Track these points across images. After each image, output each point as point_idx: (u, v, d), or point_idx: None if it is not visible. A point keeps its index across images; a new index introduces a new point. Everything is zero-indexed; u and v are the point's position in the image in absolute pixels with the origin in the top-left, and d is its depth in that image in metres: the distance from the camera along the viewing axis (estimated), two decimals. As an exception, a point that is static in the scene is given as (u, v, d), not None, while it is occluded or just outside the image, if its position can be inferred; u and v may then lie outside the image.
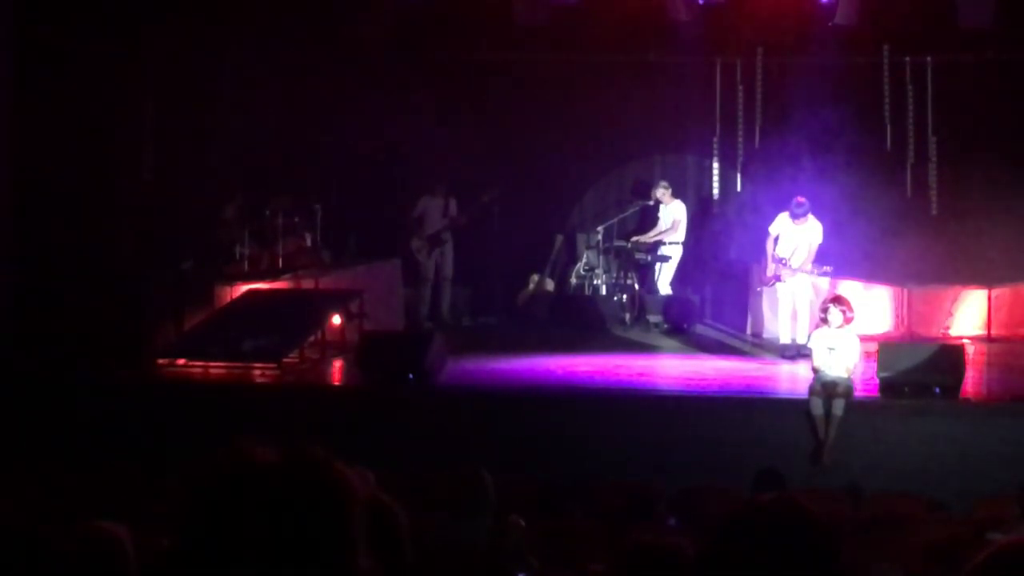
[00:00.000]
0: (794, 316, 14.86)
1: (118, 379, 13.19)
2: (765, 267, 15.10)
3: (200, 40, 16.17)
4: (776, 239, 14.96)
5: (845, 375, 12.01)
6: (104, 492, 9.59)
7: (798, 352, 14.29)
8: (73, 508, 8.20)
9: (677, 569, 3.54)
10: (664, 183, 17.16)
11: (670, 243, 17.01)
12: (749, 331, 16.36)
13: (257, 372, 13.75)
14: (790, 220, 14.85)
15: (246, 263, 16.28)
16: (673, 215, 17.03)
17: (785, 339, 14.86)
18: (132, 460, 11.04)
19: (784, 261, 14.83)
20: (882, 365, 12.45)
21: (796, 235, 14.88)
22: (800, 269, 14.76)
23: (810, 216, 14.86)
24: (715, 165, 17.71)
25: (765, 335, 15.92)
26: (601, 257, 17.24)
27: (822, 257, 14.95)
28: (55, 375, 13.12)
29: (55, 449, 11.54)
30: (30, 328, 14.33)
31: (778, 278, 14.89)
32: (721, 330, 16.65)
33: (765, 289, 15.58)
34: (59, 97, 14.84)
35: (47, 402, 12.54)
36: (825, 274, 14.76)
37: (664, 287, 16.99)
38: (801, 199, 14.87)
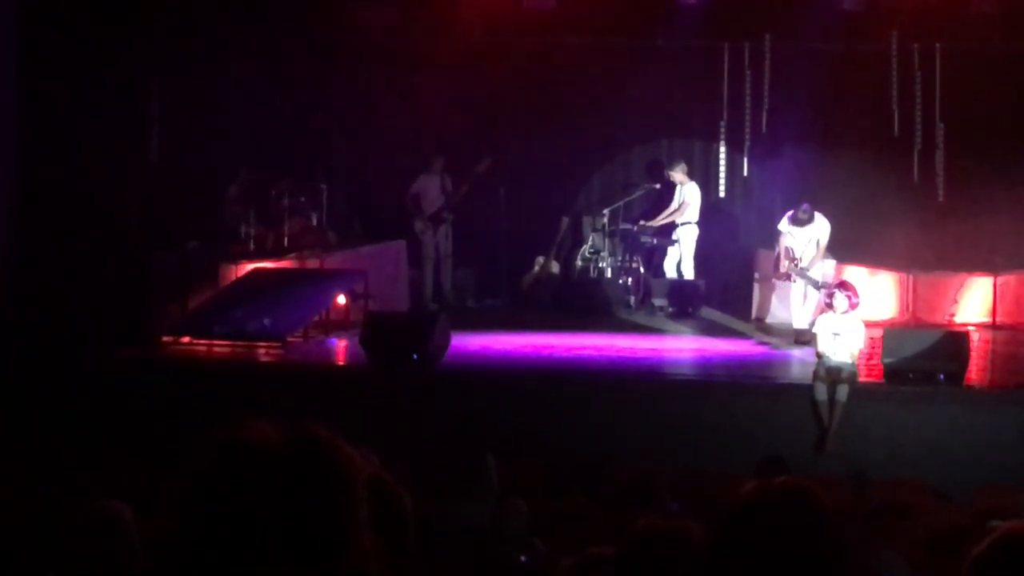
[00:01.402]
0: (804, 301, 14.79)
1: (122, 357, 13.20)
2: (778, 263, 14.98)
3: (206, 22, 16.14)
4: (785, 236, 14.89)
5: (849, 361, 11.99)
6: (107, 472, 9.60)
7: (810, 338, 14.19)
8: (76, 488, 8.21)
9: (684, 553, 3.53)
10: (683, 164, 17.10)
11: (682, 224, 16.92)
12: (754, 316, 16.33)
13: (261, 351, 13.77)
14: (794, 224, 14.75)
15: (251, 243, 16.28)
16: (684, 196, 16.95)
17: (798, 324, 14.72)
18: (135, 438, 11.06)
19: (797, 260, 14.72)
20: (887, 351, 12.43)
21: (802, 235, 14.79)
22: (809, 272, 14.56)
23: (816, 216, 14.76)
24: (722, 149, 17.66)
25: (770, 320, 15.90)
26: (607, 240, 17.18)
27: (829, 248, 14.91)
28: (60, 354, 13.12)
29: (59, 429, 11.55)
30: (35, 308, 14.34)
31: (790, 276, 14.79)
32: (726, 314, 16.61)
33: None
34: (65, 78, 14.82)
35: (51, 381, 12.55)
36: (824, 286, 14.39)
37: (687, 270, 16.86)
38: (806, 205, 14.75)
